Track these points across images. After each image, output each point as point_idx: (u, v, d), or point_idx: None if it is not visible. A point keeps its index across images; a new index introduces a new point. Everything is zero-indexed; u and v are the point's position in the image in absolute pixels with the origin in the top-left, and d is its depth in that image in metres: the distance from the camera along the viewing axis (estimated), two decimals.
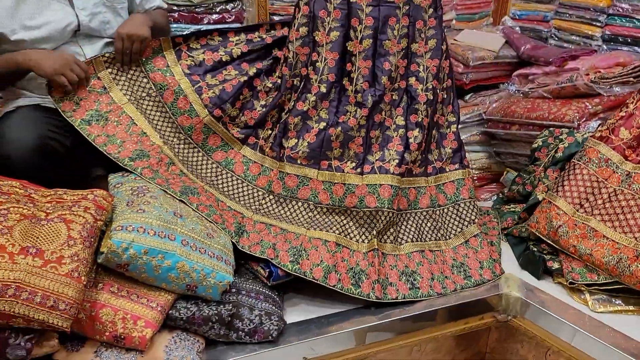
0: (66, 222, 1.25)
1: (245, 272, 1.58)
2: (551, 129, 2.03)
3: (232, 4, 2.32)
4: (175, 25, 2.23)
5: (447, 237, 1.79)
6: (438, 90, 1.83)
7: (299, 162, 1.76)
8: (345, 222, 1.69)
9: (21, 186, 1.35)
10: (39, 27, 1.63)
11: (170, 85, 1.72)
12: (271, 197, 1.75)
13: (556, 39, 2.63)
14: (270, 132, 1.82)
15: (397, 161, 1.72)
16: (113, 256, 1.28)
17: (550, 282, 1.71)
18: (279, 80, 1.82)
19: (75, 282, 1.18)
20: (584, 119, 2.02)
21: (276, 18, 2.37)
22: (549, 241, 1.73)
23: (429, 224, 1.78)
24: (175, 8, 2.23)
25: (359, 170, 1.73)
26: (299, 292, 1.61)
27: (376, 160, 1.75)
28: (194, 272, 1.35)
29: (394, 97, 1.79)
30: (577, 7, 2.52)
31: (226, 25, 2.29)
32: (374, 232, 1.66)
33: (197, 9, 2.26)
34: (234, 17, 2.32)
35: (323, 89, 1.76)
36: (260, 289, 1.50)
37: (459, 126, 2.35)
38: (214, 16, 2.29)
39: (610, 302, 1.59)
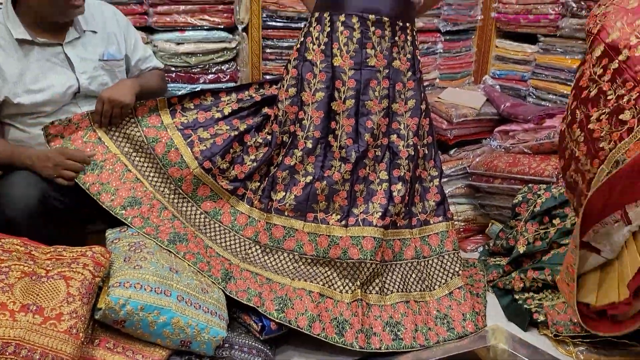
0: (65, 279, 1.29)
1: (237, 327, 1.62)
2: (530, 185, 2.12)
3: (227, 65, 2.42)
4: (172, 85, 2.32)
5: (431, 288, 1.84)
6: (419, 147, 1.92)
7: (286, 213, 1.82)
8: (329, 273, 1.74)
9: (22, 244, 1.39)
10: (41, 91, 1.70)
11: (163, 138, 1.79)
12: (257, 247, 1.81)
13: (534, 97, 2.76)
14: (258, 184, 1.89)
15: (380, 214, 1.79)
16: (110, 312, 1.32)
17: (537, 334, 1.74)
18: (269, 137, 1.91)
19: (73, 338, 1.21)
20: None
21: (268, 77, 2.49)
22: None
23: (414, 275, 1.84)
24: (172, 68, 2.33)
25: (343, 222, 1.80)
26: (290, 345, 1.64)
27: (360, 212, 1.81)
28: (188, 328, 1.39)
29: (377, 153, 1.88)
30: (552, 68, 2.66)
31: (221, 85, 2.40)
32: (358, 283, 1.71)
33: (193, 70, 2.36)
34: (228, 76, 2.42)
35: (309, 145, 1.85)
36: (253, 344, 1.53)
37: (443, 180, 2.46)
38: (210, 76, 2.39)
39: (594, 353, 1.62)
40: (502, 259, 2.10)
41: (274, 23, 2.48)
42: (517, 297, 1.90)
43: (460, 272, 1.88)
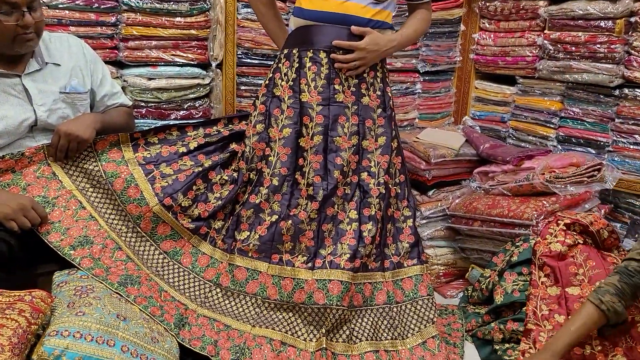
0: None
1: None
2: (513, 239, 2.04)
3: (200, 101, 2.38)
4: (142, 121, 2.27)
5: (404, 336, 1.73)
6: (390, 185, 1.85)
7: (250, 254, 1.73)
8: (293, 319, 1.64)
9: None
10: None
11: (123, 174, 1.71)
12: (218, 290, 1.71)
13: (514, 138, 2.73)
14: (222, 223, 1.80)
15: (348, 255, 1.70)
16: None
17: None
18: (235, 174, 1.84)
19: None
20: (542, 217, 2.05)
21: (237, 113, 2.43)
22: None
23: (385, 322, 1.73)
24: (142, 104, 2.27)
25: (309, 264, 1.70)
26: None
27: (328, 254, 1.72)
28: None
29: (346, 191, 1.80)
30: (531, 110, 2.65)
31: (193, 121, 2.33)
32: (323, 331, 1.60)
33: (164, 105, 2.31)
34: (201, 113, 2.38)
35: (275, 182, 1.78)
36: None
37: (422, 221, 2.39)
38: (182, 112, 2.34)
39: None
40: (482, 308, 2.00)
41: (249, 60, 2.46)
42: (497, 347, 1.81)
43: (435, 319, 1.78)
